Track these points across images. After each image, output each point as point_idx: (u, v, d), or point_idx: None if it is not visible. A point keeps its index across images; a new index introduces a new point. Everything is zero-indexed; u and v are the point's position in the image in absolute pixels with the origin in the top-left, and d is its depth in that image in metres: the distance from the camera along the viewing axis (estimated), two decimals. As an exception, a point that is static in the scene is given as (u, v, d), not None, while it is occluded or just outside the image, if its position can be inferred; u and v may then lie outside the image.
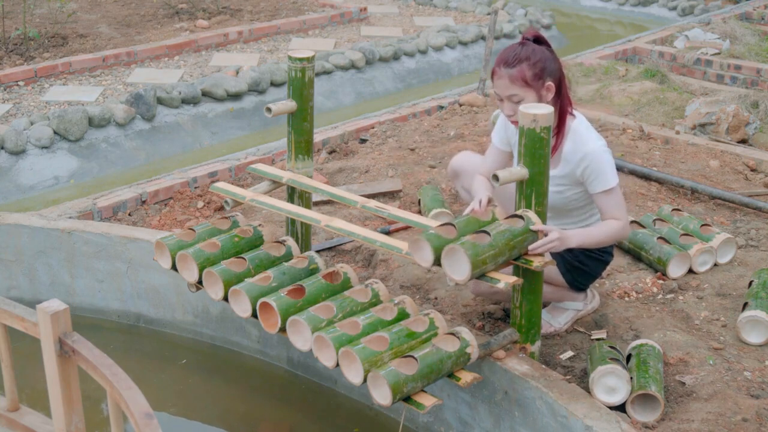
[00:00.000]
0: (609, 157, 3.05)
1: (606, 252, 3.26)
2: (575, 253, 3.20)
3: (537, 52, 3.00)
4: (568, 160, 3.06)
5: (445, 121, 5.68)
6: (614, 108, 5.81)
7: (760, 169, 4.86)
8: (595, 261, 3.25)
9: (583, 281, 3.29)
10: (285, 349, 3.68)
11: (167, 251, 3.23)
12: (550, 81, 3.01)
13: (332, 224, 3.11)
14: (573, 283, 3.27)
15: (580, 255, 3.21)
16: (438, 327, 2.85)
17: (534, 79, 2.98)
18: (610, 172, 3.03)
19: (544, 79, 3.00)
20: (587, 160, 3.01)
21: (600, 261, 3.26)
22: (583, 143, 3.03)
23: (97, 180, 5.81)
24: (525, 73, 2.97)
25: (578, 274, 3.25)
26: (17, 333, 2.43)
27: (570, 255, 3.21)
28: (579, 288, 3.31)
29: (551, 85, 3.01)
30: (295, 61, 3.36)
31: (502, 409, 2.97)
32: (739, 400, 2.88)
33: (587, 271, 3.26)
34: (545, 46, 3.06)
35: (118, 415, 2.16)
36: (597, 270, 3.28)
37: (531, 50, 3.00)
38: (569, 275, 3.24)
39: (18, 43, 7.57)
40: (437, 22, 9.38)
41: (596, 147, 3.02)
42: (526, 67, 2.97)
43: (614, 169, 3.06)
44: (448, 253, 2.71)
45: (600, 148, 3.03)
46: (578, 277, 3.26)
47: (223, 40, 8.13)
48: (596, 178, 3.02)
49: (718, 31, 7.66)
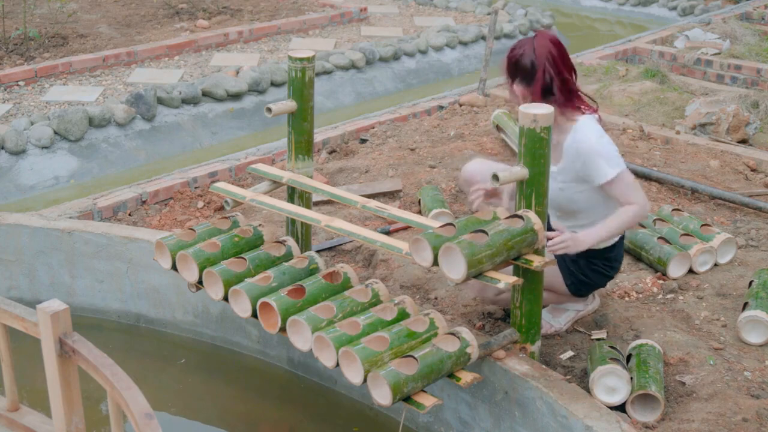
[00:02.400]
0: (605, 148, 3.02)
1: (612, 267, 3.25)
2: (580, 265, 3.20)
3: (518, 50, 3.08)
4: (567, 155, 3.07)
5: (445, 121, 5.68)
6: (614, 108, 5.81)
7: (760, 169, 4.86)
8: (600, 275, 3.24)
9: (587, 291, 3.31)
10: (285, 349, 3.68)
11: (167, 251, 3.23)
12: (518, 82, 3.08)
13: (332, 224, 3.11)
14: (576, 293, 3.29)
15: (585, 269, 3.22)
16: (438, 327, 2.85)
17: (507, 74, 3.14)
18: (605, 163, 3.00)
19: (512, 78, 3.11)
20: (582, 154, 3.02)
21: (605, 275, 3.26)
22: (579, 141, 3.03)
23: (97, 180, 5.81)
24: (502, 65, 3.17)
25: (582, 286, 3.26)
26: (17, 333, 2.43)
27: (575, 267, 3.21)
28: (581, 296, 3.32)
29: (518, 88, 3.08)
30: (295, 61, 3.36)
31: (502, 409, 2.97)
32: (739, 400, 2.88)
33: (591, 284, 3.26)
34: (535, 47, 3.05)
35: (118, 415, 2.16)
36: (601, 282, 3.28)
37: (517, 46, 3.10)
38: (573, 287, 3.25)
39: (18, 43, 7.57)
40: (437, 22, 9.38)
41: (588, 142, 3.02)
42: (504, 60, 3.15)
43: (615, 158, 3.02)
44: (445, 252, 2.71)
45: (595, 142, 3.01)
46: (582, 288, 3.27)
47: (223, 40, 8.13)
48: (594, 171, 3.02)
49: (718, 31, 7.66)
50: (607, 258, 3.22)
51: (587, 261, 3.19)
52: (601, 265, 3.22)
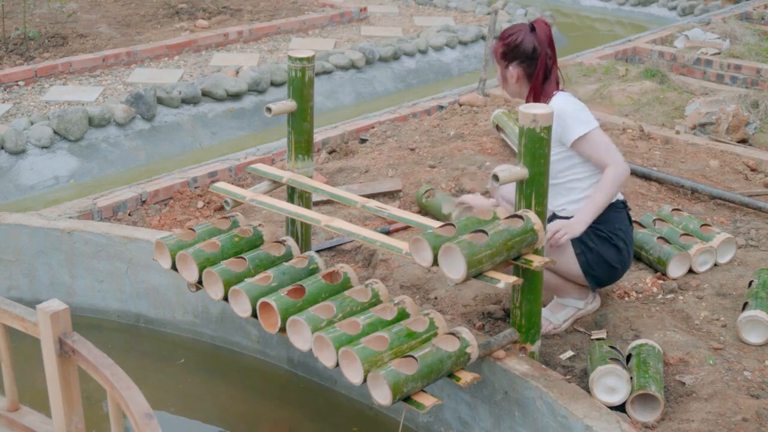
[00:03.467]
0: (573, 107, 3.17)
1: (616, 235, 3.23)
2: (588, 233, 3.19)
3: (516, 34, 3.22)
4: None
5: (445, 121, 5.68)
6: (614, 108, 5.81)
7: (760, 169, 4.86)
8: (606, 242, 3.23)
9: (598, 270, 3.25)
10: (285, 349, 3.68)
11: (167, 251, 3.23)
12: (517, 65, 3.22)
13: (332, 224, 3.11)
14: (588, 270, 3.24)
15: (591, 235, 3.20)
16: (438, 327, 2.85)
17: (501, 57, 3.27)
18: (575, 121, 3.14)
19: (507, 60, 3.25)
20: (557, 118, 3.07)
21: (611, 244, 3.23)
22: (556, 104, 3.16)
23: (97, 180, 5.81)
24: (498, 48, 3.29)
25: (593, 259, 3.23)
26: (17, 333, 2.43)
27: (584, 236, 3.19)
28: (595, 279, 3.28)
29: (515, 70, 3.22)
30: (295, 61, 3.36)
31: (502, 409, 2.97)
32: (739, 400, 2.88)
33: (601, 254, 3.22)
34: (538, 33, 3.22)
35: (118, 415, 2.16)
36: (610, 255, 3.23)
37: (515, 31, 3.24)
38: (583, 257, 3.22)
39: (18, 43, 7.58)
40: (437, 22, 9.38)
41: (558, 104, 3.16)
42: (500, 45, 3.28)
43: (584, 116, 3.16)
44: (445, 251, 2.71)
45: (562, 104, 3.15)
46: (593, 262, 3.23)
47: (223, 40, 8.13)
48: (565, 130, 3.14)
49: (718, 31, 7.66)
50: (608, 222, 3.23)
51: (592, 228, 3.20)
52: (606, 231, 3.22)
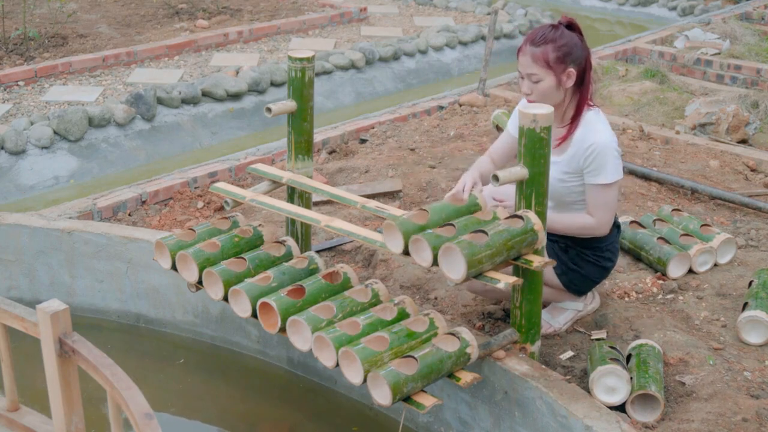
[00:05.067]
0: (616, 154, 3.05)
1: (604, 257, 3.24)
2: (570, 255, 3.20)
3: (565, 36, 3.01)
4: (576, 146, 3.06)
5: (445, 121, 5.68)
6: (614, 108, 5.81)
7: (760, 169, 4.86)
8: (591, 265, 3.23)
9: (581, 285, 3.28)
10: (285, 349, 3.68)
11: (167, 251, 3.23)
12: (573, 68, 3.01)
13: (332, 224, 3.11)
14: (569, 286, 3.26)
15: (577, 259, 3.21)
16: (438, 327, 2.85)
17: (556, 62, 2.99)
18: (611, 168, 3.02)
19: (566, 64, 3.00)
20: (594, 149, 3.01)
21: (597, 266, 3.24)
22: (594, 132, 3.04)
23: (97, 180, 5.81)
24: (548, 54, 2.98)
25: (574, 277, 3.25)
26: (17, 333, 2.42)
27: (566, 257, 3.20)
28: (577, 292, 3.31)
29: (572, 71, 3.01)
30: (295, 61, 3.36)
31: (502, 409, 2.97)
32: (739, 400, 2.88)
33: (583, 274, 3.24)
34: (577, 33, 3.06)
35: (118, 415, 2.16)
36: (594, 275, 3.26)
37: (560, 33, 3.01)
38: (565, 277, 3.24)
39: (18, 43, 7.57)
40: (437, 22, 9.38)
41: (606, 139, 3.02)
42: (551, 49, 2.98)
43: (618, 168, 3.05)
44: (445, 252, 2.71)
45: (610, 142, 3.03)
46: (575, 280, 3.25)
47: (223, 40, 8.13)
48: (596, 170, 3.03)
49: (718, 31, 7.66)
50: (598, 248, 3.21)
51: (578, 252, 3.19)
52: (592, 256, 3.21)
